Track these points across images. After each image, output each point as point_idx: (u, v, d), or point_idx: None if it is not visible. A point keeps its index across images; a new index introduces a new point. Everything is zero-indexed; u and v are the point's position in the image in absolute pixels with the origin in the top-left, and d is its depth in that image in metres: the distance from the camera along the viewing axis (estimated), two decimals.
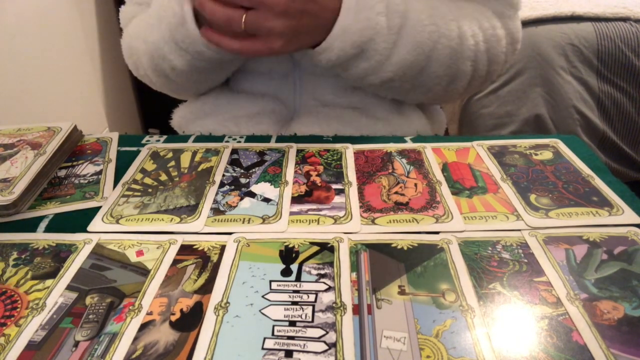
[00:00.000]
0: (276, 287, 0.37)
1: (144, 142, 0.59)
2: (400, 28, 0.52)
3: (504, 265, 0.39)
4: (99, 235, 0.43)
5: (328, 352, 0.32)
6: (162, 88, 0.67)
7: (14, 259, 0.41)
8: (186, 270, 0.39)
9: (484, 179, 0.50)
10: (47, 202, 0.48)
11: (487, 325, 0.34)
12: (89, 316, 0.35)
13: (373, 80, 0.56)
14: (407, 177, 0.50)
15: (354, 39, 0.51)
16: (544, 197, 0.47)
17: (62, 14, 1.38)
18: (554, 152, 0.54)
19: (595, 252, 0.40)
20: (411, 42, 0.53)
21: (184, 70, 0.58)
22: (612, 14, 1.32)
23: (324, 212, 0.45)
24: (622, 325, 0.34)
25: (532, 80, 1.32)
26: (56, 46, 1.34)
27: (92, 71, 1.57)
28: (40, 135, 0.55)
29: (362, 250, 0.40)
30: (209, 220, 0.44)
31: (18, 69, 1.17)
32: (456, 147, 0.56)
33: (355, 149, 0.56)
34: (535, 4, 1.41)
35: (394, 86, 0.58)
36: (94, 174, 0.52)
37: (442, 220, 0.44)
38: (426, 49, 0.54)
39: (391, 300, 0.36)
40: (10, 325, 0.35)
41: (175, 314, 0.35)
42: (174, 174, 0.52)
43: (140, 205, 0.47)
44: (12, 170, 0.49)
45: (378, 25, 0.51)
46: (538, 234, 0.42)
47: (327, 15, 0.50)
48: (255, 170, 0.52)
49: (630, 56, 1.29)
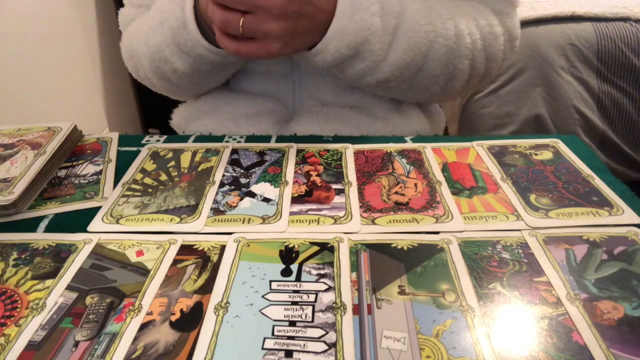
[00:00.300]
0: (276, 287, 0.37)
1: (144, 142, 0.59)
2: (395, 28, 0.52)
3: (504, 265, 0.39)
4: (99, 235, 0.43)
5: (328, 352, 0.32)
6: (163, 90, 0.67)
7: (14, 259, 0.41)
8: (186, 270, 0.39)
9: (484, 179, 0.50)
10: (47, 202, 0.48)
11: (487, 325, 0.34)
12: (89, 316, 0.35)
13: (370, 81, 0.56)
14: (407, 177, 0.50)
15: (349, 40, 0.51)
16: (544, 197, 0.47)
17: (62, 14, 1.38)
18: (554, 152, 0.54)
19: (595, 252, 0.40)
20: (407, 43, 0.53)
21: (185, 73, 0.58)
22: (612, 14, 1.32)
23: (324, 212, 0.45)
24: (622, 325, 0.34)
25: (532, 80, 1.32)
26: (56, 46, 1.34)
27: (92, 71, 1.57)
28: (40, 135, 0.55)
29: (362, 250, 0.40)
30: (209, 220, 0.44)
31: (18, 69, 1.17)
32: (456, 147, 0.56)
33: (355, 149, 0.56)
34: (535, 4, 1.41)
35: (391, 86, 0.58)
36: (94, 174, 0.52)
37: (442, 220, 0.44)
38: (423, 49, 0.54)
39: (391, 300, 0.36)
40: (10, 325, 0.35)
41: (175, 314, 0.35)
42: (174, 174, 0.52)
43: (140, 205, 0.47)
44: (12, 170, 0.49)
45: (373, 26, 0.51)
46: (538, 234, 0.42)
47: (323, 16, 0.50)
48: (255, 170, 0.52)
49: (630, 56, 1.29)
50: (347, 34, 0.50)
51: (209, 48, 0.54)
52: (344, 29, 0.50)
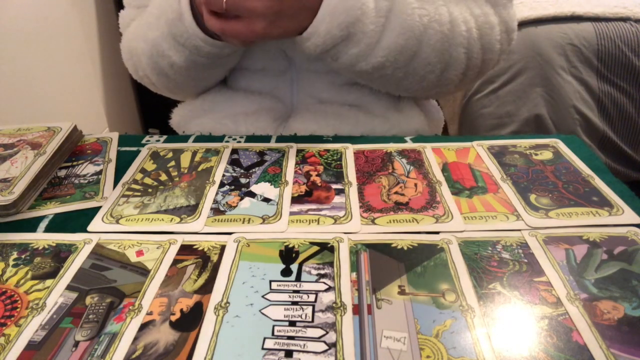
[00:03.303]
0: (276, 287, 0.37)
1: (144, 142, 0.59)
2: (388, 11, 0.52)
3: (504, 265, 0.39)
4: (99, 235, 0.43)
5: (328, 352, 0.32)
6: (161, 88, 0.67)
7: (14, 259, 0.41)
8: (186, 270, 0.39)
9: (484, 179, 0.50)
10: (47, 202, 0.48)
11: (487, 325, 0.34)
12: (89, 316, 0.35)
13: (364, 67, 0.55)
14: (407, 177, 0.50)
15: (340, 20, 0.50)
16: (544, 197, 0.47)
17: (62, 14, 1.38)
18: (554, 152, 0.54)
19: (595, 252, 0.40)
20: (401, 25, 0.52)
21: (183, 67, 0.59)
22: (612, 14, 1.32)
23: (324, 212, 0.45)
24: (622, 325, 0.34)
25: (532, 80, 1.32)
26: (56, 46, 1.33)
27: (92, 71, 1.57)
28: (40, 135, 0.55)
29: (362, 250, 0.40)
30: (209, 220, 0.44)
31: (18, 69, 1.17)
32: (456, 147, 0.56)
33: (355, 149, 0.56)
34: (535, 4, 1.40)
35: (387, 74, 0.57)
36: (94, 174, 0.52)
37: (442, 220, 0.44)
38: (417, 33, 0.53)
39: (391, 300, 0.36)
40: (10, 325, 0.35)
41: (175, 314, 0.35)
42: (174, 174, 0.52)
43: (140, 205, 0.47)
44: (12, 170, 0.49)
45: (365, 6, 0.50)
46: (538, 234, 0.42)
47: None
48: (255, 170, 0.52)
49: (630, 56, 1.29)
50: (338, 14, 0.50)
51: (205, 39, 0.54)
52: (335, 9, 0.50)
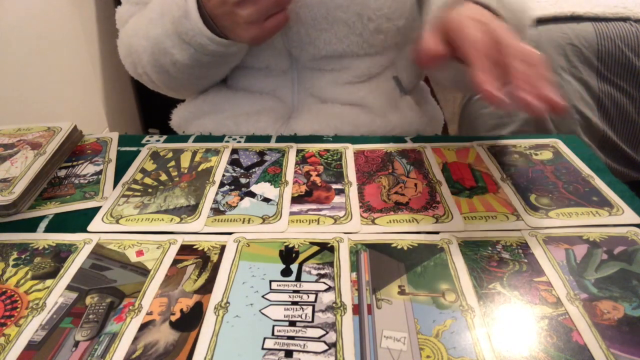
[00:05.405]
0: (276, 287, 0.37)
1: (144, 142, 0.59)
2: None
3: (504, 265, 0.39)
4: (99, 235, 0.43)
5: (328, 352, 0.32)
6: (160, 86, 0.67)
7: (14, 259, 0.41)
8: (186, 270, 0.39)
9: (484, 179, 0.50)
10: (47, 202, 0.48)
11: (487, 325, 0.34)
12: (89, 316, 0.35)
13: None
14: (407, 177, 0.50)
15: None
16: (544, 197, 0.47)
17: (62, 14, 1.38)
18: (554, 152, 0.54)
19: (595, 252, 0.40)
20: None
21: (185, 65, 0.58)
22: (612, 14, 1.32)
23: (324, 212, 0.45)
24: (622, 325, 0.34)
25: None
26: (56, 46, 1.33)
27: (92, 71, 1.57)
28: (40, 135, 0.55)
29: (362, 250, 0.40)
30: (209, 220, 0.44)
31: (18, 69, 1.17)
32: (456, 147, 0.56)
33: (355, 149, 0.56)
34: (535, 4, 1.41)
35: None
36: (94, 174, 0.52)
37: (442, 220, 0.44)
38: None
39: (391, 300, 0.36)
40: (10, 325, 0.35)
41: (175, 314, 0.35)
42: (174, 174, 0.52)
43: (140, 205, 0.47)
44: (12, 170, 0.49)
45: None
46: (538, 234, 0.42)
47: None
48: (255, 170, 0.52)
49: (630, 56, 1.29)
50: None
51: (211, 37, 0.54)
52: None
